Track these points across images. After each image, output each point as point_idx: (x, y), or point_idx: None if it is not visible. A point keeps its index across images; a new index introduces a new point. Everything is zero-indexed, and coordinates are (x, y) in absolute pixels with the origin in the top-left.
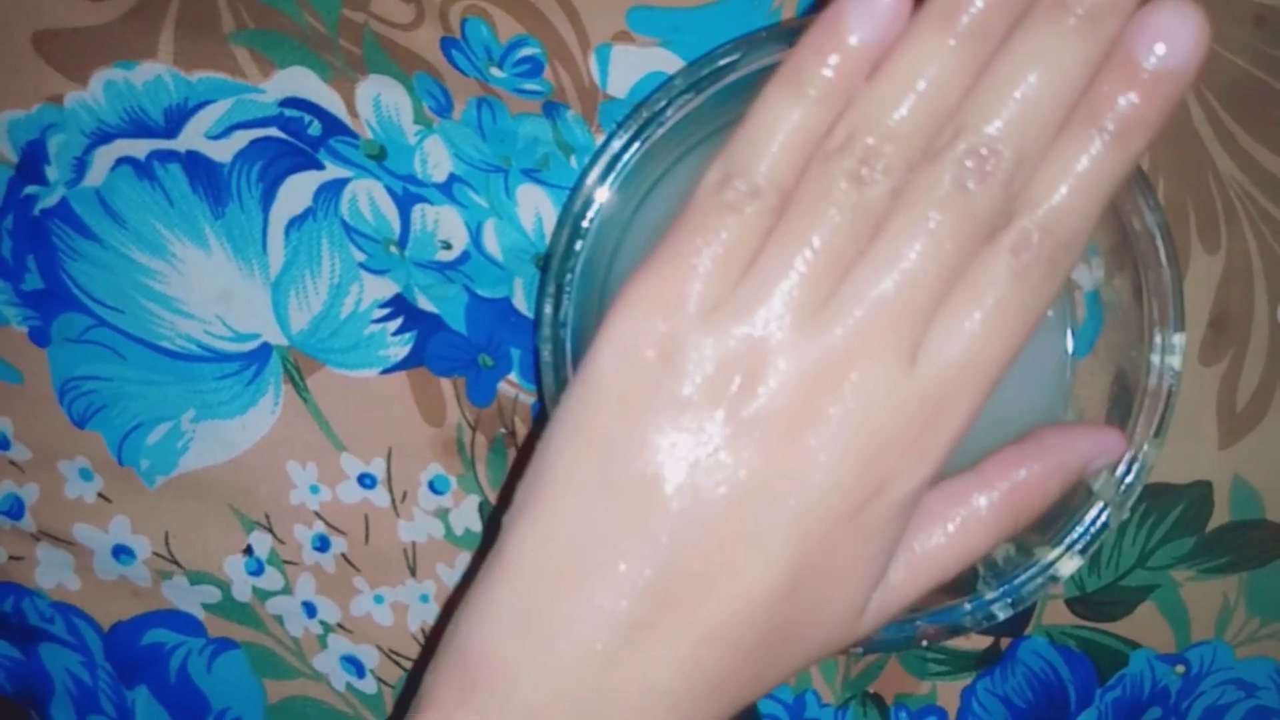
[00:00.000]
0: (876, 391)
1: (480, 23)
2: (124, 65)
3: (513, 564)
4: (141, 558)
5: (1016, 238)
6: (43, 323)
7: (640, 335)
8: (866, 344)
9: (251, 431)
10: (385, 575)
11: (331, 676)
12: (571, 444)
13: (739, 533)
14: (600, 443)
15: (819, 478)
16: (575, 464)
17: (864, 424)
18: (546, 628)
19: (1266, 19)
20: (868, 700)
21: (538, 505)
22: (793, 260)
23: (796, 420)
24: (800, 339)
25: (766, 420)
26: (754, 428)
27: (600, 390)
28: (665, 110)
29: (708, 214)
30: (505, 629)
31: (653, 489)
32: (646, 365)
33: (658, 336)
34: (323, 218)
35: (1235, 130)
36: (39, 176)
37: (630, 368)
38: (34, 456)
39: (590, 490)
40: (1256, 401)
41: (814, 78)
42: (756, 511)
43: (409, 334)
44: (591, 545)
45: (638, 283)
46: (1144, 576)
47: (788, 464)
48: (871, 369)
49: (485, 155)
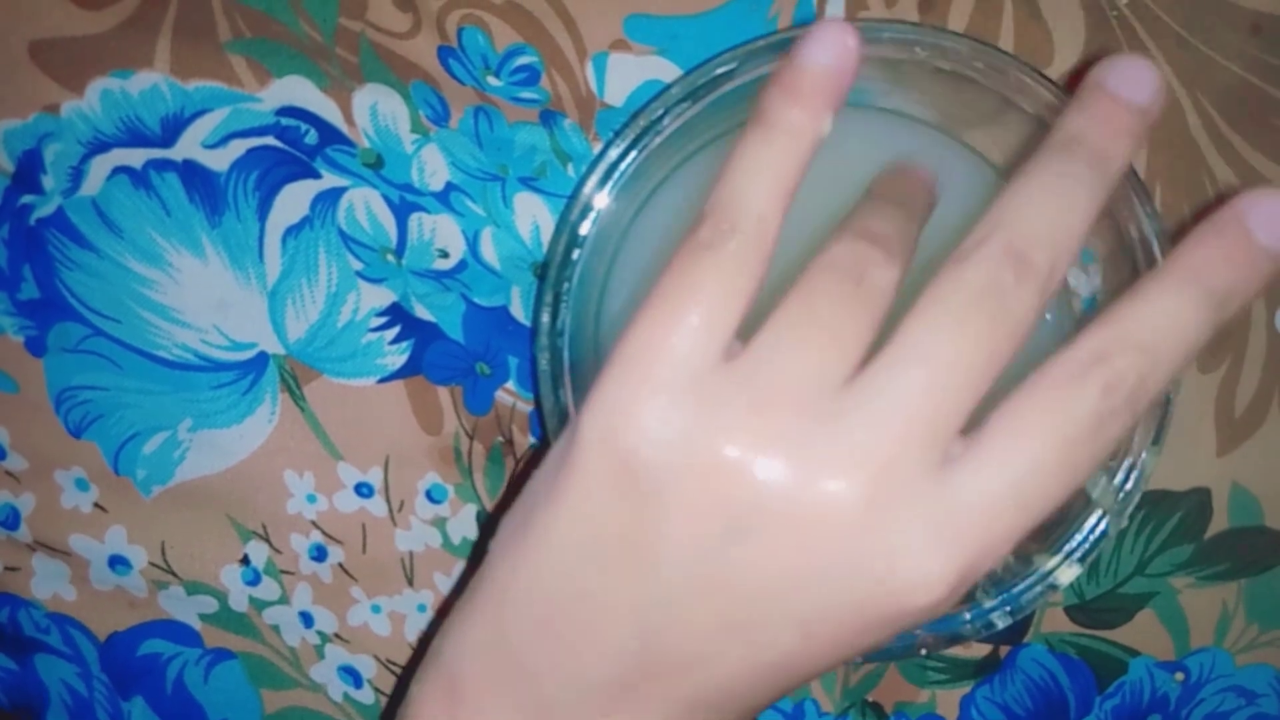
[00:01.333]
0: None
1: (477, 31)
2: (120, 74)
3: (496, 595)
4: (138, 568)
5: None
6: (39, 332)
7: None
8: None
9: (248, 441)
10: (382, 585)
11: (329, 687)
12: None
13: (729, 624)
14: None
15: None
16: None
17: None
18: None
19: (1263, 27)
20: (867, 709)
21: (523, 547)
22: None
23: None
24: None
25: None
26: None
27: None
28: (662, 119)
29: (690, 260)
30: (484, 663)
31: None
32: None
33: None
34: (319, 227)
35: (1232, 138)
36: (35, 186)
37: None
38: (30, 466)
39: (571, 554)
40: (1255, 408)
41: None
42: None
43: (406, 343)
44: (574, 602)
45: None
46: (1143, 584)
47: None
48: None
49: (482, 164)
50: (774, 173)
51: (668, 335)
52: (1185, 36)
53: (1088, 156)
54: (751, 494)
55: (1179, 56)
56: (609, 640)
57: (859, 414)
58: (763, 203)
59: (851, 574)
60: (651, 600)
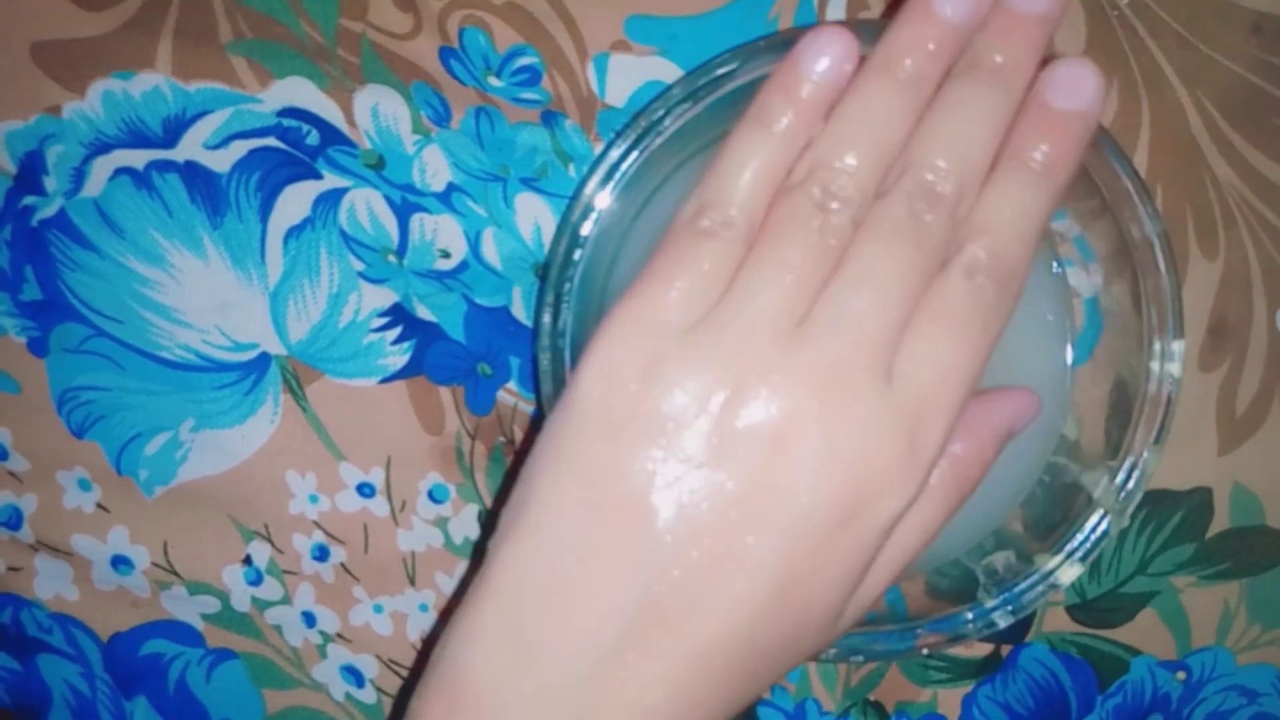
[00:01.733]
0: (856, 408)
1: (478, 32)
2: (122, 76)
3: (498, 585)
4: (140, 568)
5: (967, 263)
6: (41, 333)
7: (622, 356)
8: (844, 361)
9: (250, 441)
10: (384, 585)
11: (331, 686)
12: (555, 466)
13: (725, 550)
14: (584, 464)
15: (804, 494)
16: (559, 486)
17: (847, 440)
18: (532, 648)
19: (1263, 26)
20: (868, 708)
21: (522, 527)
22: (767, 282)
23: (779, 437)
24: (779, 356)
25: (749, 437)
26: (737, 445)
27: (583, 412)
28: (663, 119)
29: (684, 241)
30: (491, 649)
31: (638, 508)
32: (628, 385)
33: (638, 356)
34: (321, 227)
35: (1233, 137)
36: (37, 187)
37: (612, 388)
38: (32, 467)
39: (574, 511)
40: (1256, 407)
41: (778, 116)
42: (742, 528)
43: (408, 343)
44: (576, 566)
45: (619, 307)
46: (1144, 583)
47: (772, 480)
48: (850, 386)
49: (484, 164)
50: (765, 171)
51: (660, 299)
52: (1186, 36)
53: (986, 75)
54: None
55: (1180, 56)
56: (613, 595)
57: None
58: (753, 197)
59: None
60: (651, 540)
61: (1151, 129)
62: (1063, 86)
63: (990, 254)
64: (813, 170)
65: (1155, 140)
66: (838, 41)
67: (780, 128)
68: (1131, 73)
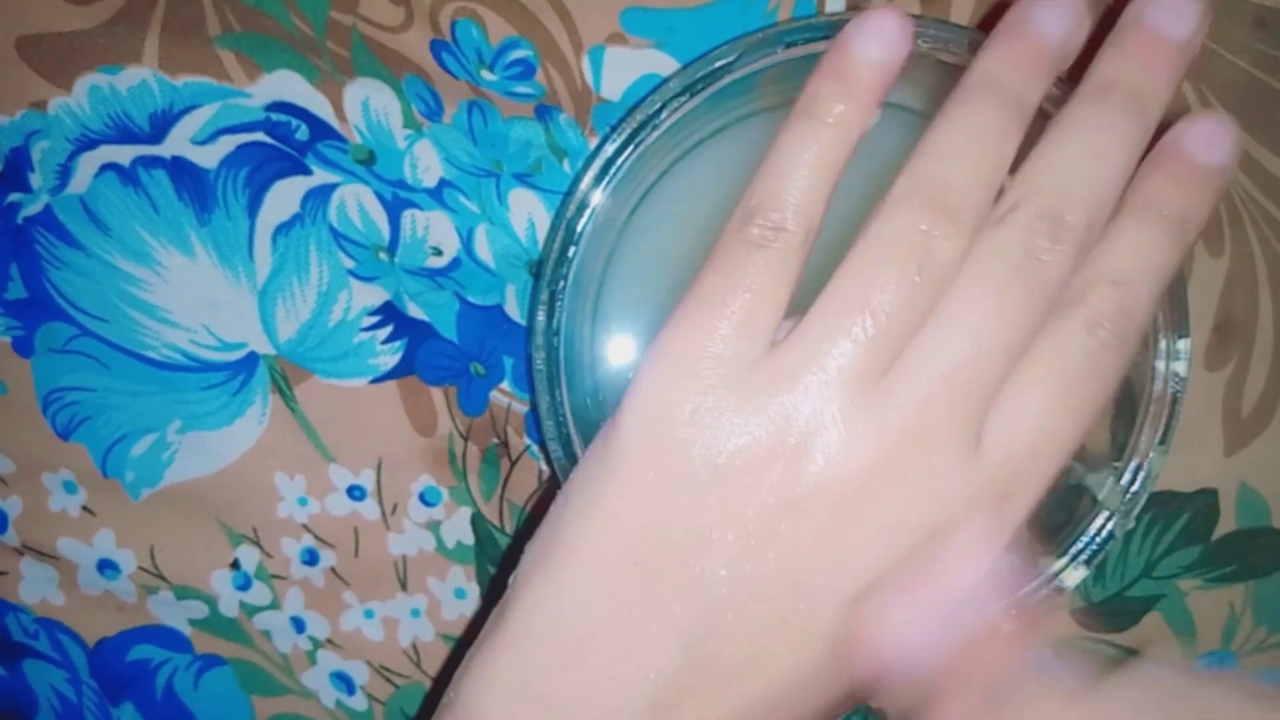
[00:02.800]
0: (939, 478)
1: (471, 25)
2: (108, 70)
3: (519, 631)
4: (127, 572)
5: (1092, 314)
6: (26, 332)
7: (671, 399)
8: (930, 422)
9: (238, 443)
10: (375, 589)
11: (321, 693)
12: (591, 512)
13: (777, 619)
14: (625, 515)
15: (872, 565)
16: (595, 534)
17: (925, 513)
18: (553, 706)
19: (1267, 20)
20: (869, 714)
21: (551, 573)
22: (848, 321)
23: (848, 503)
24: (856, 412)
25: (814, 500)
26: (799, 508)
27: (627, 457)
28: (659, 114)
29: (734, 254)
30: (507, 701)
31: (686, 569)
32: (678, 431)
33: (690, 399)
34: (310, 224)
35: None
36: (22, 184)
37: (660, 434)
38: (17, 469)
39: (611, 564)
40: (1262, 407)
41: (830, 104)
42: (797, 597)
43: (399, 342)
44: (609, 624)
45: (665, 337)
46: (1150, 586)
47: (837, 546)
48: (935, 452)
49: (476, 159)
50: (820, 166)
51: (711, 331)
52: None
53: (1121, 101)
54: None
55: None
56: (649, 658)
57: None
58: (808, 198)
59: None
60: (700, 602)
61: None
62: (1205, 140)
63: (1120, 306)
64: (909, 192)
65: (1155, 138)
66: (891, 22)
67: (834, 116)
68: None
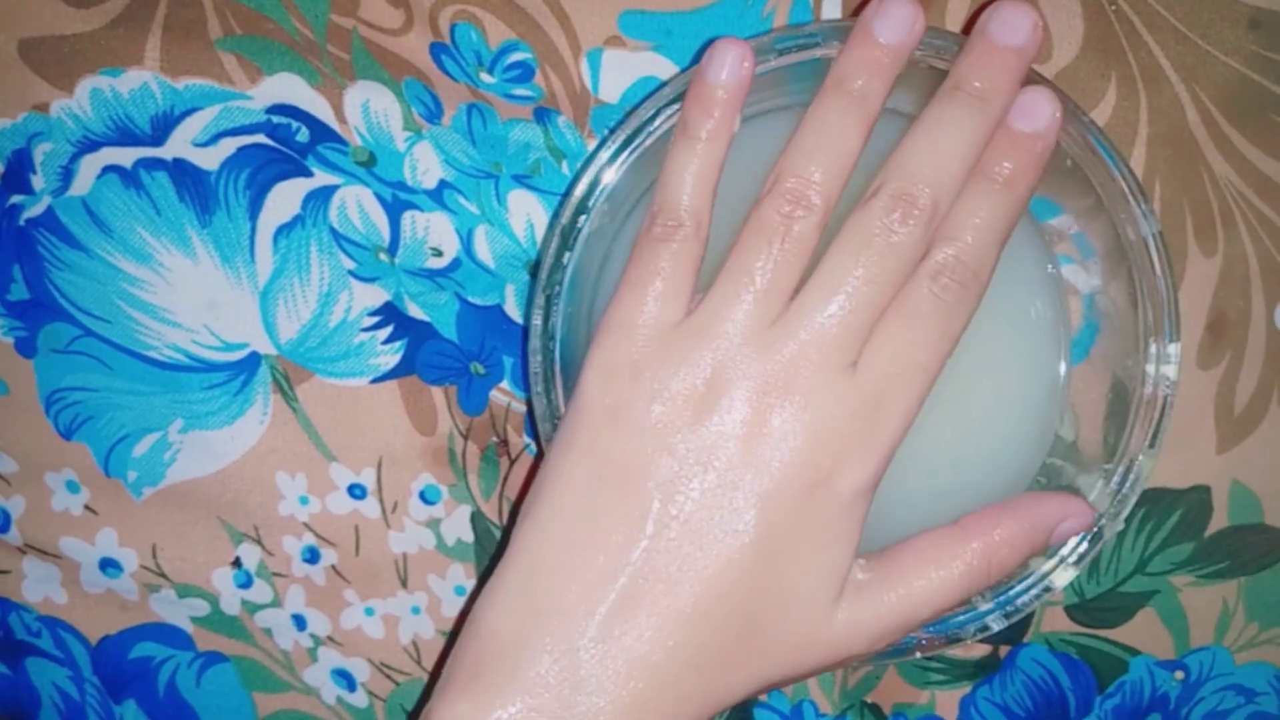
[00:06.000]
0: (822, 392)
1: (470, 28)
2: (110, 73)
3: (518, 554)
4: (129, 571)
5: (934, 266)
6: (29, 333)
7: (613, 357)
8: (812, 356)
9: (240, 442)
10: (376, 587)
11: (322, 690)
12: (565, 452)
13: (710, 516)
14: (588, 447)
15: (775, 463)
16: (569, 467)
17: (813, 418)
18: (546, 608)
19: (1261, 22)
20: (865, 710)
21: (539, 505)
22: (737, 285)
23: (754, 418)
24: (751, 353)
25: (728, 419)
26: (717, 426)
27: (587, 405)
28: (654, 120)
29: (647, 248)
30: (513, 607)
31: (635, 480)
32: (621, 380)
33: (627, 356)
34: (311, 225)
35: (1231, 133)
36: (25, 186)
37: (608, 385)
38: (20, 469)
39: (582, 487)
40: (1254, 405)
41: (700, 125)
42: (723, 495)
43: (399, 342)
44: (584, 533)
45: (608, 314)
46: (1143, 582)
47: (748, 454)
48: (817, 374)
49: (476, 161)
50: (700, 174)
51: (639, 306)
52: (1184, 31)
53: (965, 98)
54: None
55: (1177, 51)
56: (615, 555)
57: (786, 339)
58: (695, 199)
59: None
60: (647, 507)
61: (1149, 124)
62: (1023, 111)
63: (954, 258)
64: (775, 182)
65: (1153, 136)
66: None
67: (705, 133)
68: (1129, 68)
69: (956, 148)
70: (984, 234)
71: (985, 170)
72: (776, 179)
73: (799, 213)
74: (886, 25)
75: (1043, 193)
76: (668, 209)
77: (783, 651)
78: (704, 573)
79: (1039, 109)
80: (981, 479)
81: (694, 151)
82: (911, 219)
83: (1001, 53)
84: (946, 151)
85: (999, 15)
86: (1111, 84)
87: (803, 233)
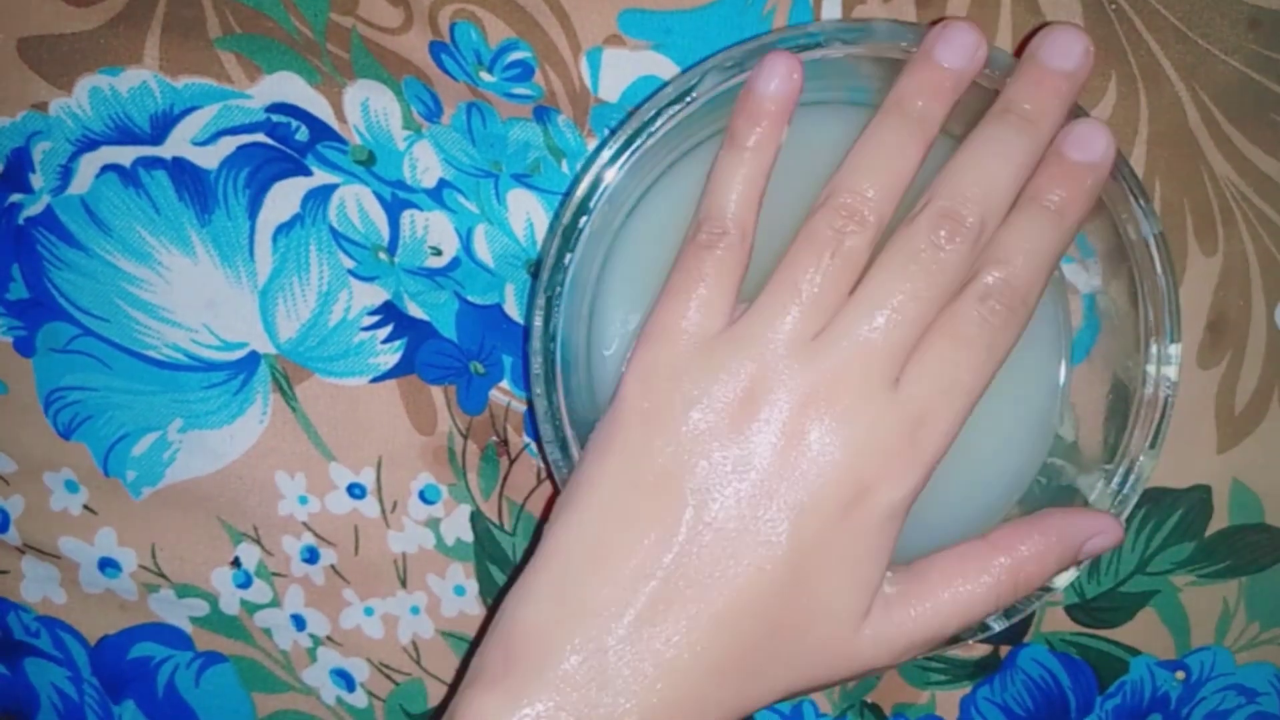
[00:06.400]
0: (863, 407)
1: (470, 26)
2: (109, 71)
3: (551, 551)
4: (128, 570)
5: (982, 289)
6: (28, 332)
7: (653, 361)
8: (855, 370)
9: (239, 442)
10: (375, 587)
11: (321, 690)
12: (601, 452)
13: (743, 524)
14: (624, 448)
15: (812, 477)
16: (604, 467)
17: (853, 434)
18: (578, 605)
19: (1261, 21)
20: (865, 710)
21: (573, 504)
22: (783, 297)
23: (793, 430)
24: (792, 362)
25: (766, 429)
26: (755, 435)
27: (625, 408)
28: (655, 120)
29: (692, 255)
30: (545, 605)
31: (671, 483)
32: (661, 384)
33: (668, 360)
34: (311, 224)
35: (1231, 133)
36: (24, 184)
37: (647, 388)
38: (19, 468)
39: (617, 486)
40: (1255, 404)
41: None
42: (758, 504)
43: (399, 341)
44: (617, 533)
45: (650, 322)
46: (1144, 582)
47: (785, 465)
48: (859, 389)
49: (475, 160)
50: (747, 183)
51: (682, 312)
52: (1184, 31)
53: (1016, 120)
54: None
55: (1177, 50)
56: (648, 556)
57: (829, 352)
58: (741, 208)
59: (828, 462)
60: (682, 511)
61: (1149, 123)
62: (1080, 142)
63: (1004, 281)
64: (829, 197)
65: (1153, 135)
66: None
67: (751, 144)
68: (1129, 67)
69: (1005, 169)
70: (1034, 260)
71: (1038, 196)
72: (830, 194)
73: (851, 228)
74: (949, 50)
75: None
76: (713, 217)
77: (807, 663)
78: (735, 581)
79: (1095, 141)
80: (981, 479)
81: (741, 160)
82: (959, 237)
83: (1053, 77)
84: (995, 172)
85: (1051, 40)
86: (1111, 83)
87: (854, 248)
